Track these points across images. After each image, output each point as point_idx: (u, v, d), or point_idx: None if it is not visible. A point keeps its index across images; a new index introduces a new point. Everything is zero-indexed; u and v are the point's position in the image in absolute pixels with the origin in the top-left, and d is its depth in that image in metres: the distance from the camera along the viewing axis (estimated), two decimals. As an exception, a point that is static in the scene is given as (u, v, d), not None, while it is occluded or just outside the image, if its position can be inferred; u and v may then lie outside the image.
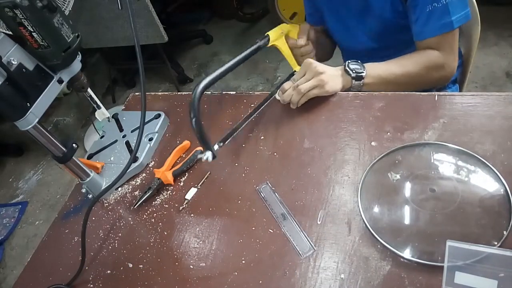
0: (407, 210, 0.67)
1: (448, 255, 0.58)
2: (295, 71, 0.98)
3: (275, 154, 0.83)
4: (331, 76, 0.86)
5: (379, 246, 0.64)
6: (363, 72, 0.86)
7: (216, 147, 0.81)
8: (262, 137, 0.87)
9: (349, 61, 0.88)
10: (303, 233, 0.69)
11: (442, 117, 0.77)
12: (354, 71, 0.87)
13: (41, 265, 0.81)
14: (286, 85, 0.88)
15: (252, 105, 0.95)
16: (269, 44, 0.91)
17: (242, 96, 0.98)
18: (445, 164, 0.71)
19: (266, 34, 0.90)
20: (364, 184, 0.72)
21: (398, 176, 0.71)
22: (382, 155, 0.75)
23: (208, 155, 0.72)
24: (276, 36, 0.92)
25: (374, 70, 0.88)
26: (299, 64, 0.96)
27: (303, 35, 0.98)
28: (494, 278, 0.54)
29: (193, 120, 0.67)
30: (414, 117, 0.79)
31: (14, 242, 2.05)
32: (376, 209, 0.68)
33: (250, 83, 2.49)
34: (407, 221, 0.66)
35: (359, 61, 0.89)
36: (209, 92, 1.04)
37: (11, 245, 2.04)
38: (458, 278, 0.56)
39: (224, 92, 1.01)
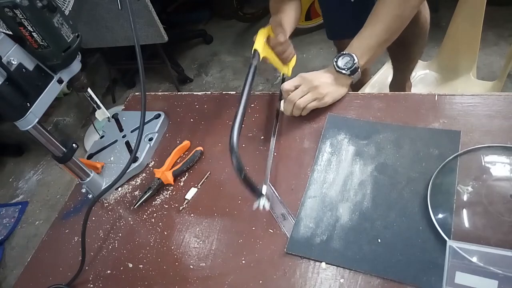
0: (489, 220, 0.62)
1: (448, 255, 0.58)
2: (283, 74, 0.96)
3: (275, 154, 0.83)
4: (328, 87, 0.84)
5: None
6: (355, 63, 0.82)
7: (264, 190, 0.75)
8: (262, 137, 0.87)
9: (335, 59, 0.84)
10: (303, 233, 0.69)
11: (442, 117, 0.77)
12: (346, 68, 0.82)
13: (41, 265, 0.81)
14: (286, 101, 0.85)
15: (252, 105, 0.95)
16: (260, 59, 0.83)
17: (242, 96, 0.97)
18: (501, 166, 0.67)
19: (254, 50, 0.82)
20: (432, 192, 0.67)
21: (470, 188, 0.66)
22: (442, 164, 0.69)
23: (264, 202, 0.66)
24: (262, 46, 0.84)
25: (362, 46, 0.83)
26: (284, 63, 0.94)
27: (279, 28, 0.89)
28: (495, 278, 0.54)
29: (242, 175, 0.61)
30: (414, 117, 0.79)
31: (14, 242, 2.05)
32: (449, 219, 0.64)
33: (250, 83, 2.49)
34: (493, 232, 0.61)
35: (346, 52, 0.83)
36: (209, 92, 1.04)
37: (11, 245, 2.04)
38: (459, 278, 0.56)
39: (224, 92, 1.01)
